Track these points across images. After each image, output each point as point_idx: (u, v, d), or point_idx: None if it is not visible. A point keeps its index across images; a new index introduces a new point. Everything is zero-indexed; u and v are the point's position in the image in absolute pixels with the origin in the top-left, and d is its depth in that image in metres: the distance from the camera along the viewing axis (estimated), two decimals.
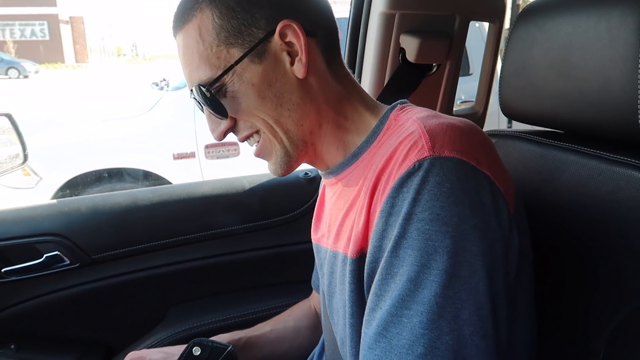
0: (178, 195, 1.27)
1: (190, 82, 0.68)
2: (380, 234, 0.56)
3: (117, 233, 1.20)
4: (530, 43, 0.77)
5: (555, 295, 0.70)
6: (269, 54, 0.65)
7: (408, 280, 0.52)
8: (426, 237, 0.51)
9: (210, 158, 3.37)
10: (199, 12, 0.65)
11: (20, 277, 1.15)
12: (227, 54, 0.65)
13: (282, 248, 1.33)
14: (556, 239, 0.70)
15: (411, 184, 0.53)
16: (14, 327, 1.18)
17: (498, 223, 0.53)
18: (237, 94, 0.66)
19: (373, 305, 0.56)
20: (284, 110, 0.67)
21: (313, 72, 0.67)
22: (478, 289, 0.51)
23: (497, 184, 0.55)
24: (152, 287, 1.26)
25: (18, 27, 33.68)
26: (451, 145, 0.54)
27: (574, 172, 0.69)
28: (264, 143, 0.71)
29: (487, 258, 0.52)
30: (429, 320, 0.50)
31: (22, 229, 1.15)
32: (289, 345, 0.97)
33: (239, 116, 0.68)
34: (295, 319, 1.01)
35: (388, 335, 0.53)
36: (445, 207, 0.51)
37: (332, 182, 0.75)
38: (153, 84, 4.47)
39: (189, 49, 0.67)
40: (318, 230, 0.84)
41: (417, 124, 0.58)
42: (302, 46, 0.65)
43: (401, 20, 1.11)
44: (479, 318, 0.51)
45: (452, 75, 1.20)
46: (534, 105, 0.78)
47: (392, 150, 0.58)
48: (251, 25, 0.64)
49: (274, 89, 0.66)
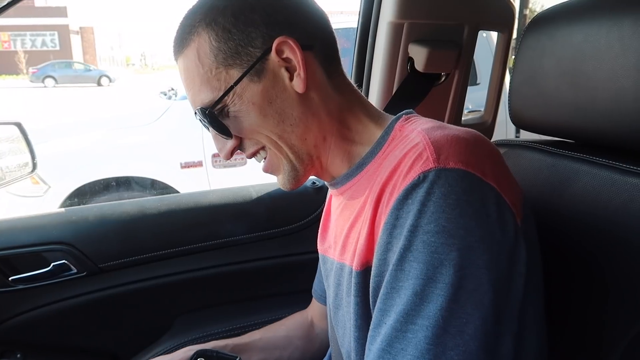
0: (185, 204, 1.26)
1: (194, 105, 0.69)
2: (384, 247, 0.55)
3: (125, 242, 1.20)
4: (541, 52, 0.76)
5: (565, 309, 0.68)
6: (268, 72, 0.65)
7: (413, 294, 0.51)
8: (432, 249, 0.50)
9: (217, 167, 3.38)
10: (196, 35, 0.65)
11: (27, 286, 1.15)
12: (226, 75, 0.65)
13: (290, 257, 1.32)
14: (567, 251, 0.69)
15: (416, 196, 0.52)
16: (21, 336, 1.18)
17: (503, 235, 0.53)
18: (239, 114, 0.66)
19: (378, 321, 0.55)
20: (286, 126, 0.67)
21: (313, 86, 0.67)
22: (483, 302, 0.50)
23: (503, 195, 0.54)
24: (159, 296, 1.25)
25: (29, 37, 34.17)
26: (456, 156, 0.53)
27: (585, 183, 0.68)
28: (271, 159, 0.71)
29: (493, 271, 0.51)
30: (434, 335, 0.49)
31: (30, 237, 1.15)
32: (279, 354, 0.96)
33: (243, 135, 0.69)
34: (288, 328, 1.01)
35: (392, 351, 0.52)
36: (451, 219, 0.50)
37: (338, 192, 0.74)
38: (161, 94, 4.50)
39: (189, 73, 0.67)
40: (325, 241, 0.83)
41: (422, 135, 0.58)
42: (299, 61, 0.65)
43: (410, 29, 1.11)
44: (484, 332, 0.50)
45: (461, 84, 1.20)
46: (544, 115, 0.77)
47: (397, 161, 0.58)
48: (248, 45, 0.64)
49: (275, 106, 0.66)
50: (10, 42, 33.60)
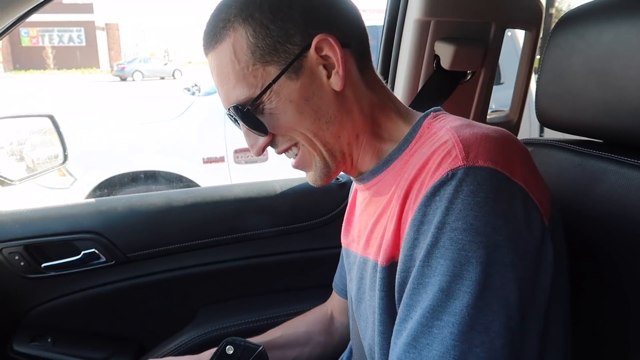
0: (211, 197, 1.29)
1: (227, 102, 0.68)
2: (411, 243, 0.56)
3: (152, 233, 1.23)
4: (569, 51, 0.76)
5: (590, 309, 0.68)
6: (306, 69, 0.65)
7: (440, 290, 0.51)
8: (459, 246, 0.51)
9: (239, 163, 3.41)
10: (232, 31, 0.64)
11: (58, 273, 1.19)
12: (263, 72, 0.64)
13: (312, 252, 1.34)
14: (593, 252, 0.68)
15: (444, 193, 0.53)
16: (51, 321, 1.22)
17: (530, 235, 0.53)
18: (276, 111, 0.66)
19: (404, 316, 0.55)
20: (322, 123, 0.67)
21: (349, 83, 0.67)
22: (509, 301, 0.50)
23: (531, 195, 0.54)
24: (183, 286, 1.28)
25: (57, 33, 34.84)
26: (485, 155, 0.54)
27: (613, 183, 0.68)
28: (303, 156, 0.71)
29: (519, 269, 0.51)
30: (460, 332, 0.50)
31: (62, 226, 1.19)
32: (300, 350, 0.97)
33: (278, 132, 0.68)
34: (308, 323, 1.01)
35: (418, 346, 0.52)
36: (479, 217, 0.51)
37: (364, 187, 0.75)
38: (185, 89, 4.56)
39: (224, 69, 0.66)
40: (348, 234, 0.84)
41: (451, 132, 0.58)
42: (338, 59, 0.65)
43: (436, 27, 1.11)
44: (509, 331, 0.50)
45: (487, 83, 1.20)
46: (571, 114, 0.77)
47: (425, 158, 0.58)
48: (286, 42, 0.64)
49: (312, 104, 0.66)
50: (38, 38, 34.32)
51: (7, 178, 1.26)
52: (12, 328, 1.20)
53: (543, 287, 0.54)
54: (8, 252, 1.15)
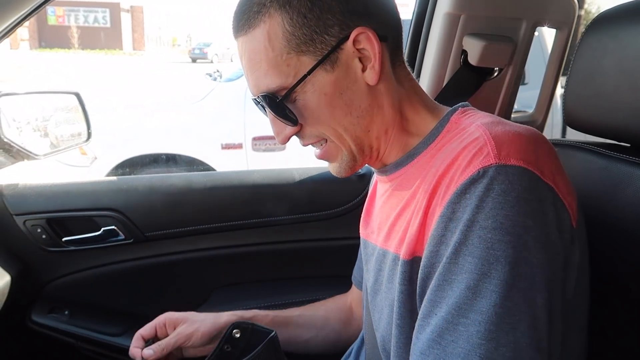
0: (230, 181, 1.30)
1: (257, 89, 0.66)
2: (438, 239, 0.55)
3: (171, 213, 1.25)
4: (602, 52, 0.74)
5: (610, 313, 0.67)
6: (342, 62, 0.63)
7: (467, 288, 0.51)
8: (488, 245, 0.51)
9: (256, 150, 3.42)
10: (268, 17, 0.62)
11: (78, 248, 1.21)
12: (297, 62, 0.63)
13: (328, 242, 1.34)
14: (616, 257, 0.67)
15: (474, 191, 0.52)
16: (69, 295, 1.25)
17: (560, 236, 0.53)
18: (308, 102, 0.64)
19: (427, 311, 0.55)
20: (353, 117, 0.66)
21: (382, 77, 0.66)
22: (536, 302, 0.50)
23: (560, 196, 0.54)
24: (198, 268, 1.30)
25: (82, 13, 35.16)
26: (517, 154, 0.53)
27: (639, 187, 0.67)
28: (330, 149, 0.70)
29: (547, 270, 0.51)
30: (487, 330, 0.50)
31: (83, 201, 1.21)
32: (315, 333, 0.97)
33: (307, 123, 0.67)
34: (327, 309, 1.02)
35: (442, 342, 0.52)
36: (509, 216, 0.51)
37: (386, 180, 0.75)
38: (207, 75, 4.59)
39: (256, 55, 0.64)
40: (368, 226, 0.84)
41: (482, 129, 0.57)
42: (376, 54, 0.63)
43: (466, 21, 1.09)
44: (535, 330, 0.50)
45: (513, 81, 1.18)
46: (599, 116, 0.76)
47: (455, 155, 0.58)
48: (323, 32, 0.62)
49: (345, 97, 0.65)
50: (64, 17, 34.69)
51: (32, 152, 1.29)
52: (32, 299, 1.23)
53: (569, 288, 0.54)
54: (31, 224, 1.18)
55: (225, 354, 0.84)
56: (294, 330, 0.96)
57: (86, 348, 1.23)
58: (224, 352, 0.83)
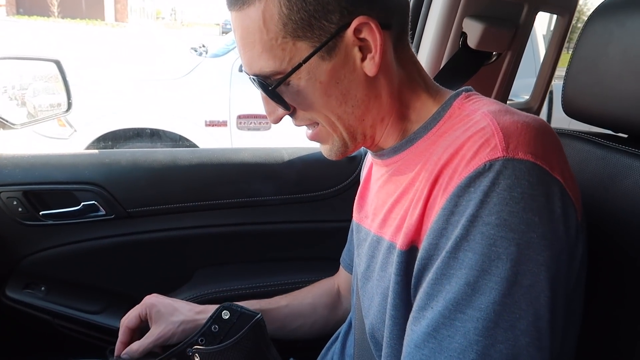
0: (217, 159, 1.26)
1: (250, 68, 0.63)
2: (438, 232, 0.54)
3: (154, 189, 1.21)
4: (607, 39, 0.72)
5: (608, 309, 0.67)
6: (340, 50, 0.60)
7: (466, 284, 0.50)
8: (490, 242, 0.49)
9: (241, 129, 3.37)
10: None
11: (56, 222, 1.17)
12: (293, 47, 0.59)
13: (315, 224, 1.32)
14: (612, 248, 0.67)
15: (479, 185, 0.50)
16: (46, 270, 1.20)
17: (566, 233, 0.51)
18: (302, 89, 0.62)
19: (423, 304, 0.54)
20: (347, 107, 0.64)
21: (382, 68, 0.62)
22: (539, 300, 0.49)
23: (568, 190, 0.52)
24: (182, 246, 1.26)
25: None
26: (526, 147, 0.51)
27: (637, 179, 0.66)
28: (321, 132, 0.68)
29: (552, 269, 0.49)
30: (485, 327, 0.49)
31: (63, 175, 1.16)
32: (302, 321, 0.97)
33: (301, 108, 0.65)
34: (315, 295, 1.01)
35: (438, 336, 0.51)
36: (514, 213, 0.49)
37: (382, 164, 0.72)
38: (192, 49, 4.48)
39: (249, 34, 0.60)
40: (362, 210, 0.82)
41: (489, 118, 0.55)
42: (377, 45, 0.60)
43: (467, 3, 1.07)
44: (537, 329, 0.49)
45: (512, 66, 1.16)
46: (599, 105, 0.74)
47: (459, 144, 0.55)
48: (322, 18, 0.58)
49: (341, 86, 0.62)
50: None
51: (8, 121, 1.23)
52: (6, 274, 1.19)
53: (570, 284, 0.53)
54: (6, 196, 1.13)
55: (211, 333, 0.83)
56: (281, 321, 0.95)
57: (63, 325, 1.19)
58: (210, 331, 0.83)
